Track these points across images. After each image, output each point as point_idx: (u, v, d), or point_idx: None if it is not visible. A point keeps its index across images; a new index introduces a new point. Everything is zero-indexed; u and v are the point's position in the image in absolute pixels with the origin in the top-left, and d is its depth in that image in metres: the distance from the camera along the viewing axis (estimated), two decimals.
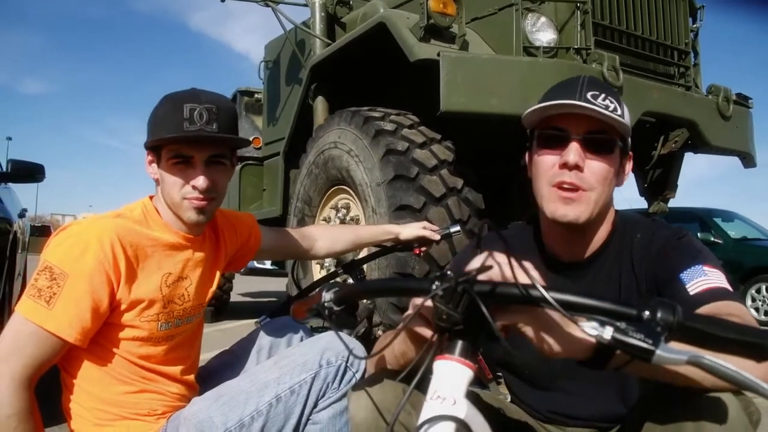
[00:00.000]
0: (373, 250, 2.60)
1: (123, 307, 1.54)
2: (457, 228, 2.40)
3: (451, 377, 0.90)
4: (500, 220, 3.52)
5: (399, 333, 1.01)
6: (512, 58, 3.47)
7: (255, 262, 17.18)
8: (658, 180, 4.49)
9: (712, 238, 9.51)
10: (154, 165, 1.62)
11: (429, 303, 0.90)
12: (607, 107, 1.31)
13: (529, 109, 1.37)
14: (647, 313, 0.80)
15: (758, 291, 8.92)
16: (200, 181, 1.56)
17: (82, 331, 1.47)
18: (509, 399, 1.62)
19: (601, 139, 1.34)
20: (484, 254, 0.93)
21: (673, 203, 4.75)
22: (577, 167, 1.32)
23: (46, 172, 4.48)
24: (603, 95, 1.32)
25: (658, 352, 0.77)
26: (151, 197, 1.69)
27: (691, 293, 1.22)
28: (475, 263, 0.91)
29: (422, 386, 0.92)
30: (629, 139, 1.39)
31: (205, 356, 2.02)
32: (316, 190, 4.25)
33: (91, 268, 1.47)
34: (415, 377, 0.92)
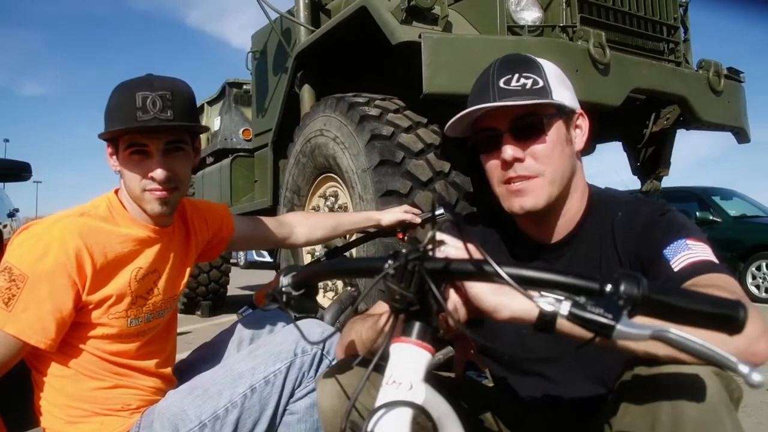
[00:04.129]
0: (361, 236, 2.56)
1: (90, 306, 1.50)
2: (441, 211, 2.36)
3: (407, 361, 0.86)
4: (489, 203, 3.46)
5: (348, 308, 0.97)
6: (496, 38, 3.40)
7: (254, 255, 17.23)
8: (651, 158, 4.42)
9: (711, 217, 9.48)
10: (114, 157, 1.57)
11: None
12: (524, 86, 1.29)
13: (448, 124, 1.38)
14: (610, 286, 0.76)
15: (758, 268, 8.87)
16: (158, 172, 1.51)
17: (44, 334, 1.42)
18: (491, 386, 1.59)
19: (528, 122, 1.31)
20: (438, 232, 0.89)
21: (672, 182, 4.70)
22: (516, 160, 1.31)
23: (32, 170, 4.42)
24: (516, 75, 1.30)
25: (619, 327, 0.72)
26: (116, 191, 1.64)
27: (675, 269, 1.18)
28: (428, 241, 0.86)
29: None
30: (566, 101, 1.34)
31: None
32: (304, 179, 4.20)
33: (52, 270, 1.42)
34: (375, 360, 0.88)
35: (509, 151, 1.30)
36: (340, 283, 3.92)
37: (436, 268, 0.83)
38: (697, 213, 9.61)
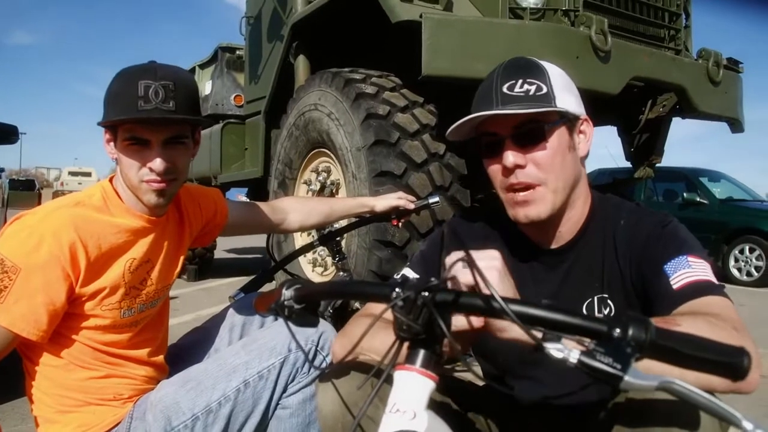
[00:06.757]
0: (353, 220, 2.55)
1: (83, 298, 1.48)
2: (436, 199, 2.36)
3: (410, 389, 0.85)
4: (483, 186, 3.45)
5: (362, 338, 0.96)
6: (497, 21, 3.36)
7: None
8: (645, 145, 4.44)
9: (698, 198, 9.56)
10: (112, 144, 1.53)
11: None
12: (527, 92, 1.27)
13: (450, 129, 1.37)
14: (618, 331, 0.75)
15: (741, 252, 8.97)
16: (157, 163, 1.48)
17: (36, 326, 1.40)
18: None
19: (529, 129, 1.30)
20: (447, 259, 0.89)
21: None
22: (518, 167, 1.30)
23: (19, 133, 4.36)
24: (520, 81, 1.28)
25: (627, 378, 0.73)
26: (110, 179, 1.62)
27: (675, 287, 1.19)
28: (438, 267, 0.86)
29: (390, 380, 0.88)
30: (570, 107, 1.32)
31: (187, 318, 1.98)
32: (297, 152, 4.17)
33: (45, 262, 1.39)
34: (378, 387, 0.88)
35: (510, 157, 1.29)
36: (329, 259, 3.92)
37: (446, 301, 0.82)
38: (684, 194, 9.68)
